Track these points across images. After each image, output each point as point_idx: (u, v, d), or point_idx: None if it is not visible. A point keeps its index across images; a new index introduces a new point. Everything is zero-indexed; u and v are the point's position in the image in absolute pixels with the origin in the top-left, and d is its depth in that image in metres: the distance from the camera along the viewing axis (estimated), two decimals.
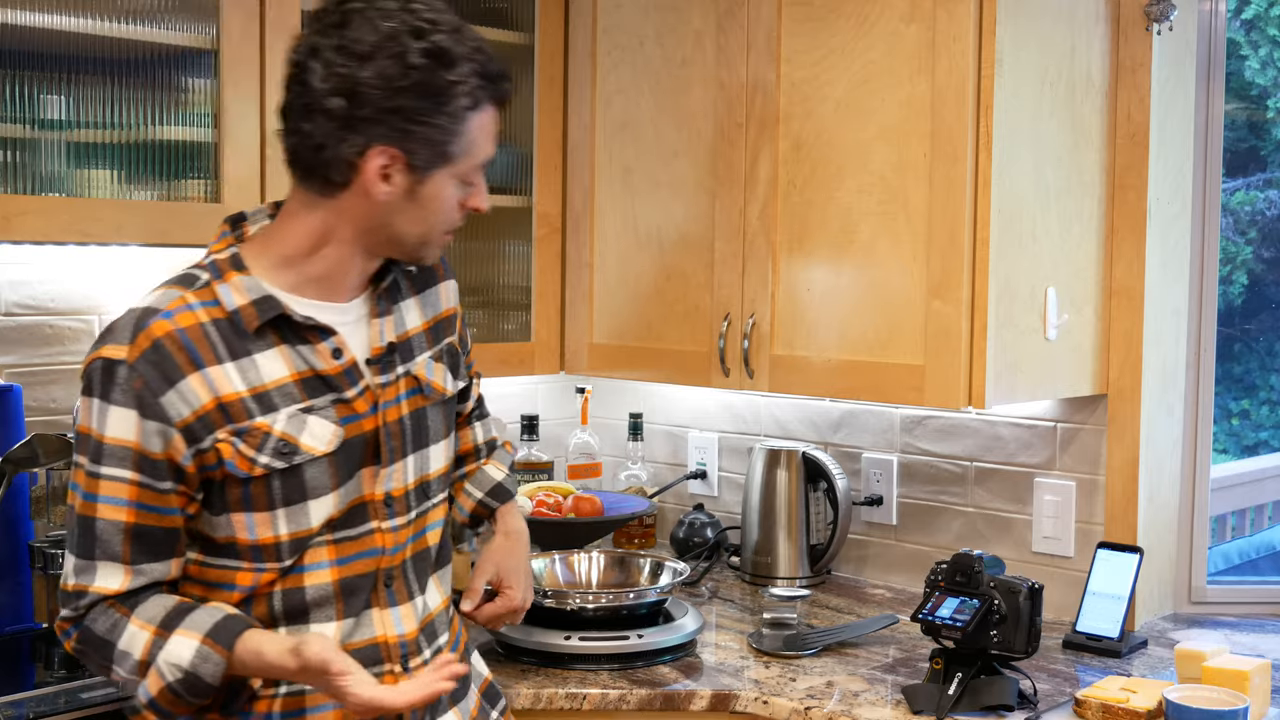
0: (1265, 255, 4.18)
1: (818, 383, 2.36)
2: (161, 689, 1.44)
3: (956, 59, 2.15)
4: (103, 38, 2.07)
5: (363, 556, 1.57)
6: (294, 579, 1.53)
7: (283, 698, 1.53)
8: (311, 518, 1.52)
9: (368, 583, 1.57)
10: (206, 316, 1.49)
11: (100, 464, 1.45)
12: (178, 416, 1.45)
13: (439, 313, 1.72)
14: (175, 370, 1.45)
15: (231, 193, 2.16)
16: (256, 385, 1.49)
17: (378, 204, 1.50)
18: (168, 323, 1.46)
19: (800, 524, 2.68)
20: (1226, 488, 4.07)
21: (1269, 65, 4.25)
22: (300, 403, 1.51)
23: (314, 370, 1.53)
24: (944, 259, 2.17)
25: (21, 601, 2.17)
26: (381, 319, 1.61)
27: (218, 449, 1.47)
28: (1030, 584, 1.96)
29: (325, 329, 1.54)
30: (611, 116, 2.69)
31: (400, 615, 1.61)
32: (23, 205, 1.98)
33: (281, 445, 1.49)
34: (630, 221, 2.67)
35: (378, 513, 1.58)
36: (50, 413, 2.32)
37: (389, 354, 1.60)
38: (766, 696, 2.02)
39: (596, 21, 2.71)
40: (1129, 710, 1.86)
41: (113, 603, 1.47)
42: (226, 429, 1.47)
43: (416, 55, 1.44)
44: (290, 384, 1.51)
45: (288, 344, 1.52)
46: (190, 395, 1.46)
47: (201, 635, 1.44)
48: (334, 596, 1.55)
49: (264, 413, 1.49)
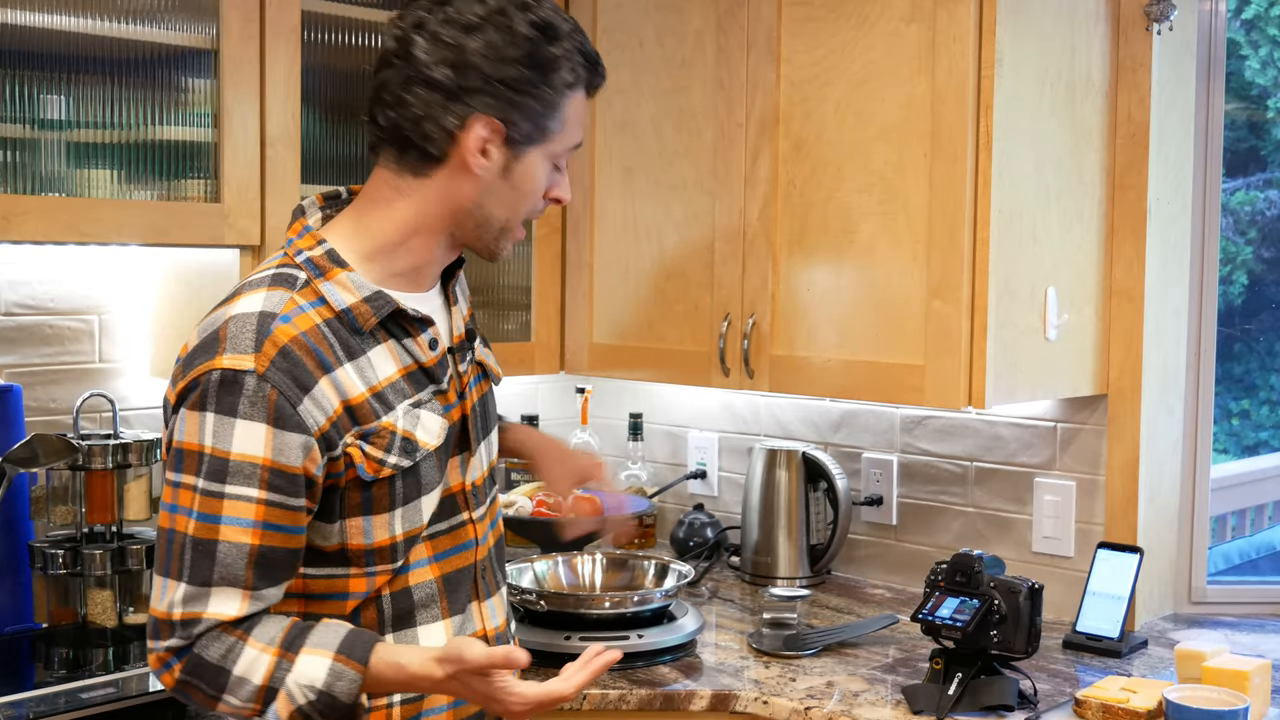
0: (1265, 255, 4.17)
1: (818, 383, 2.36)
2: (292, 712, 1.37)
3: (956, 59, 2.15)
4: (103, 38, 2.07)
5: (460, 550, 1.56)
6: (400, 580, 1.50)
7: (400, 706, 1.49)
8: (424, 514, 1.50)
9: (467, 576, 1.56)
10: (319, 318, 1.44)
11: (225, 483, 1.37)
12: (315, 426, 1.40)
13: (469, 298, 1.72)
14: (308, 376, 1.40)
15: (231, 193, 2.16)
16: (374, 384, 1.46)
17: (472, 182, 1.48)
18: (290, 327, 1.41)
19: (800, 524, 2.68)
20: (1226, 488, 4.07)
21: (1269, 65, 4.25)
22: (410, 398, 1.49)
23: (417, 363, 1.51)
24: (944, 259, 2.17)
25: (21, 601, 2.17)
26: (453, 306, 1.61)
27: (348, 454, 1.42)
28: (1030, 584, 1.96)
29: (426, 320, 1.52)
30: (611, 116, 2.69)
31: (494, 606, 1.61)
32: (23, 205, 1.98)
33: (405, 444, 1.46)
34: (630, 221, 2.66)
35: (467, 503, 1.57)
36: (50, 413, 2.32)
37: (468, 342, 1.61)
38: (766, 696, 2.02)
39: (596, 21, 2.70)
40: (1129, 710, 1.86)
41: (226, 628, 1.39)
42: (353, 433, 1.43)
43: (524, 26, 1.44)
44: (400, 380, 1.49)
45: (393, 339, 1.49)
46: (324, 402, 1.41)
47: (333, 653, 1.38)
48: (438, 594, 1.52)
49: (386, 412, 1.45)
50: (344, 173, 2.41)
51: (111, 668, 2.00)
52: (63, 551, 2.14)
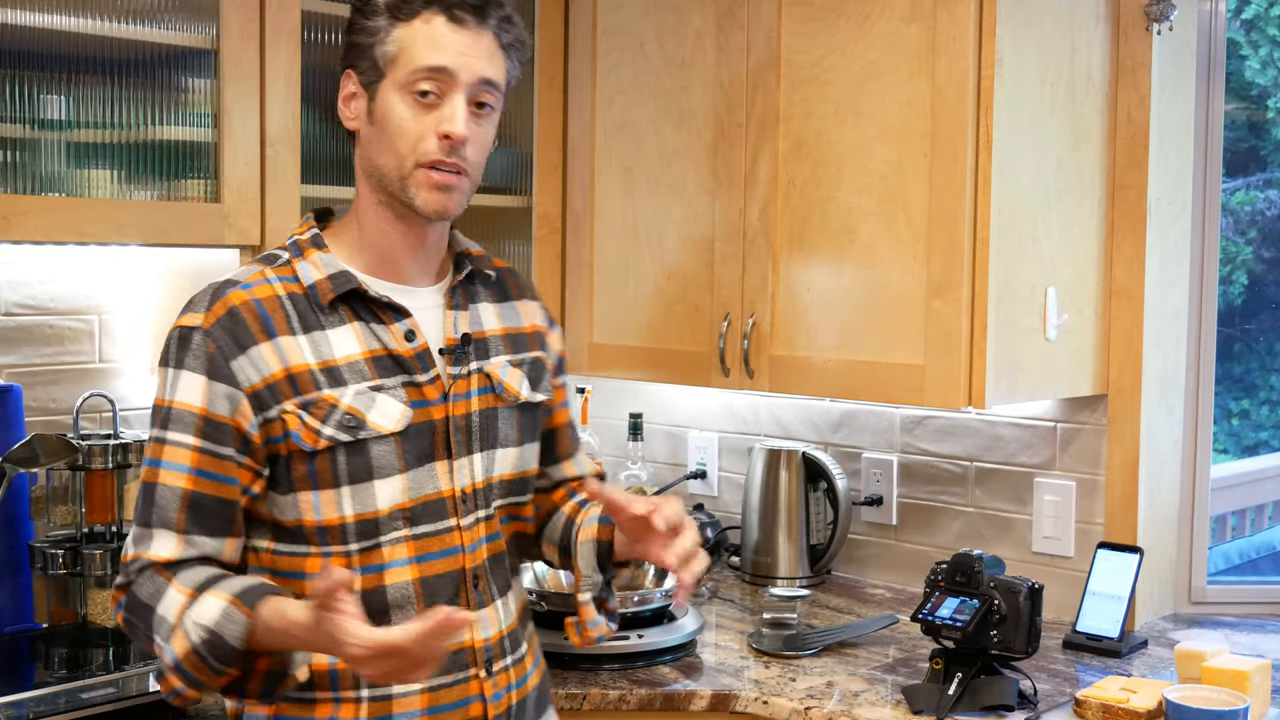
0: (1265, 255, 4.17)
1: (818, 383, 2.36)
2: (187, 651, 1.41)
3: (956, 59, 2.15)
4: (103, 38, 2.07)
5: (443, 555, 1.56)
6: (374, 578, 1.52)
7: (368, 702, 1.51)
8: (378, 499, 1.51)
9: (449, 582, 1.56)
10: (284, 290, 1.53)
11: (166, 430, 1.48)
12: (247, 382, 1.48)
13: (519, 326, 1.72)
14: (248, 337, 1.49)
15: (231, 193, 2.16)
16: (327, 359, 1.51)
17: (360, 140, 1.58)
18: (245, 293, 1.51)
19: (800, 524, 2.68)
20: (1226, 488, 4.07)
21: (1269, 65, 4.25)
22: (370, 380, 1.52)
23: (386, 349, 1.54)
24: (944, 259, 2.17)
25: (21, 601, 2.17)
26: (455, 312, 1.63)
27: (284, 419, 1.48)
28: (1030, 584, 1.96)
29: (400, 309, 1.56)
30: (611, 116, 2.69)
31: (486, 619, 1.59)
32: (23, 205, 1.98)
33: (348, 419, 1.50)
34: (630, 221, 2.67)
35: (456, 509, 1.57)
36: (50, 413, 2.32)
37: (462, 347, 1.61)
38: (766, 696, 2.02)
39: (596, 21, 2.70)
40: (1129, 710, 1.86)
41: (159, 569, 1.46)
42: (294, 401, 1.49)
43: None
44: (361, 361, 1.53)
45: (361, 321, 1.54)
46: (260, 363, 1.48)
47: (230, 595, 1.42)
48: (414, 596, 1.53)
49: (332, 386, 1.50)
50: (344, 173, 2.41)
51: (111, 668, 2.00)
52: (63, 551, 2.14)
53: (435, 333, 1.60)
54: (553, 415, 1.78)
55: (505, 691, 1.60)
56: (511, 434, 1.65)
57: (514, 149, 2.76)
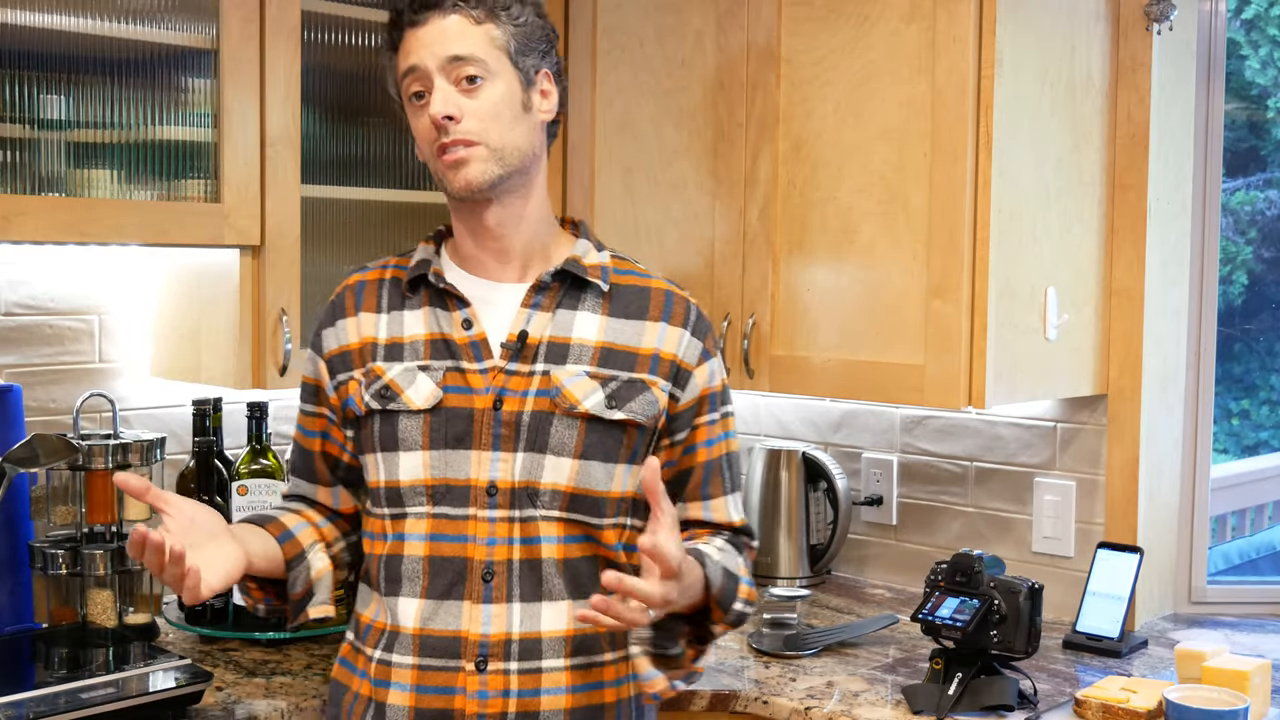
0: (1265, 255, 4.17)
1: (818, 383, 2.36)
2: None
3: (956, 59, 2.15)
4: (103, 38, 2.07)
5: (455, 539, 1.58)
6: (397, 545, 1.61)
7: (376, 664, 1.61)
8: (400, 470, 1.60)
9: (455, 568, 1.57)
10: (389, 276, 1.70)
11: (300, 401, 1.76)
12: (327, 349, 1.69)
13: (630, 345, 1.64)
14: (342, 312, 1.69)
15: (231, 193, 2.16)
16: (395, 336, 1.65)
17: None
18: (359, 275, 1.72)
19: (800, 524, 2.68)
20: (1226, 488, 4.07)
21: (1269, 65, 4.25)
22: (421, 360, 1.63)
23: (443, 334, 1.64)
24: (944, 259, 2.17)
25: (21, 601, 2.17)
26: (532, 310, 1.63)
27: (349, 385, 1.65)
28: (1030, 584, 1.96)
29: (462, 298, 1.64)
30: (611, 116, 2.69)
31: (491, 614, 1.57)
32: (23, 205, 1.98)
33: (384, 390, 1.61)
34: (630, 221, 2.66)
35: (478, 499, 1.58)
36: (50, 413, 2.32)
37: (522, 344, 1.61)
38: (766, 696, 2.02)
39: (596, 21, 2.70)
40: (1129, 710, 1.86)
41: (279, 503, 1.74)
42: (361, 370, 1.65)
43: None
44: (421, 342, 1.64)
45: (432, 306, 1.65)
46: (342, 333, 1.68)
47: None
48: (421, 573, 1.59)
49: (386, 360, 1.64)
50: (344, 172, 2.41)
51: (111, 668, 2.00)
52: (63, 551, 2.14)
53: (501, 327, 1.63)
54: (694, 454, 1.69)
55: (498, 695, 1.56)
56: (569, 444, 1.59)
57: None
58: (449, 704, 1.56)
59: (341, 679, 1.69)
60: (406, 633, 1.58)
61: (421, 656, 1.57)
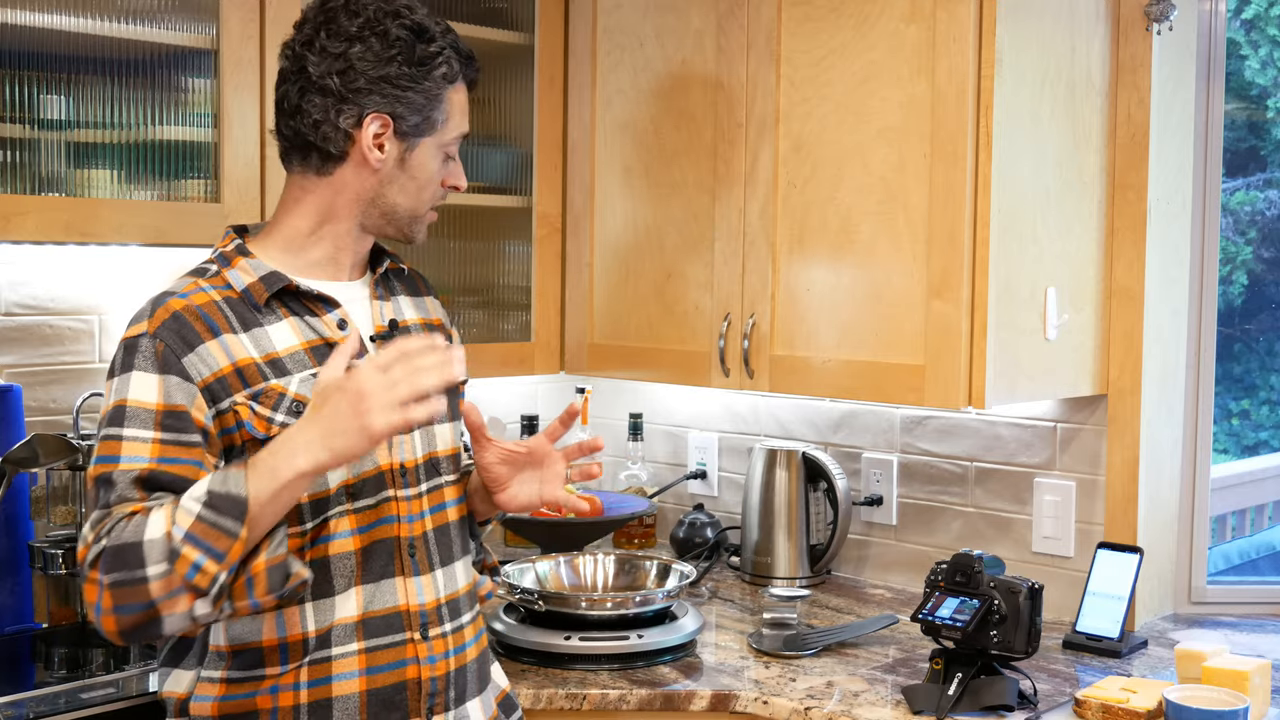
0: (1265, 255, 4.17)
1: (818, 383, 2.36)
2: (192, 523, 1.41)
3: (956, 59, 2.15)
4: (103, 38, 2.07)
5: (381, 524, 1.64)
6: (320, 549, 1.60)
7: (308, 666, 1.59)
8: (329, 478, 1.59)
9: (386, 550, 1.65)
10: (218, 296, 1.61)
11: (122, 427, 1.51)
12: (198, 376, 1.55)
13: (429, 318, 1.84)
14: (194, 336, 1.56)
15: (231, 192, 2.16)
16: (269, 352, 1.60)
17: (372, 174, 1.66)
18: (183, 300, 1.59)
19: (800, 524, 2.68)
20: (1226, 488, 4.07)
21: (1269, 65, 4.25)
22: (311, 368, 1.61)
23: (322, 338, 1.64)
24: (944, 259, 2.18)
25: (21, 601, 2.17)
26: (380, 302, 1.74)
27: (236, 410, 1.56)
28: (1030, 584, 1.96)
29: (330, 301, 1.67)
30: (611, 116, 2.69)
31: (422, 585, 1.67)
32: (23, 205, 1.98)
33: (296, 405, 1.58)
34: (630, 221, 2.67)
35: (394, 481, 1.66)
36: (50, 413, 2.32)
37: (390, 333, 1.72)
38: (766, 696, 2.02)
39: (596, 21, 2.71)
40: (1129, 710, 1.86)
41: (128, 516, 1.46)
42: (244, 392, 1.57)
43: (398, 30, 1.63)
44: (301, 351, 1.62)
45: (295, 315, 1.64)
46: (209, 358, 1.56)
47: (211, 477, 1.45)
48: (355, 565, 1.62)
49: (278, 376, 1.59)
50: None
51: (111, 668, 2.00)
52: (63, 551, 2.14)
53: (365, 321, 1.71)
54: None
55: (443, 657, 1.68)
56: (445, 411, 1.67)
57: (514, 149, 2.76)
58: (401, 676, 1.64)
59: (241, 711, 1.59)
60: (348, 623, 1.61)
61: (367, 639, 1.62)
